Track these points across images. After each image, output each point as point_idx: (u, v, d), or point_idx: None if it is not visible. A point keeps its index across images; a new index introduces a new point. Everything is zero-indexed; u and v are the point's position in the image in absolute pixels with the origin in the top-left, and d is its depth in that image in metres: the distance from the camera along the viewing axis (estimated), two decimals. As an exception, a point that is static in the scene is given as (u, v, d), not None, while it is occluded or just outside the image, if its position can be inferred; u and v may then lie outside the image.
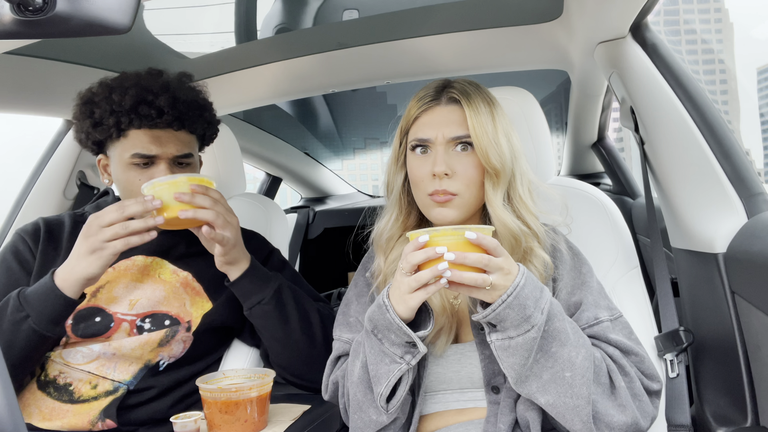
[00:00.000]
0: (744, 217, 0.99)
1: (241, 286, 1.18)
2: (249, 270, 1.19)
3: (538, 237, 0.97)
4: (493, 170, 0.96)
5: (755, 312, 0.90)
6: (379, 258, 1.06)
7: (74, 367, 1.15)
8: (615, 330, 0.93)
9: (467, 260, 0.79)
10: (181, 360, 1.22)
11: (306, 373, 1.23)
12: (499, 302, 0.80)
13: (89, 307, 1.18)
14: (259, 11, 1.51)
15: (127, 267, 1.23)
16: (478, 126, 0.95)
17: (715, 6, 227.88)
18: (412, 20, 1.46)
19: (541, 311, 0.81)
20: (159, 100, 1.14)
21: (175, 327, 1.20)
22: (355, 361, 0.96)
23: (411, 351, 0.86)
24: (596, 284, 0.98)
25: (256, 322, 1.21)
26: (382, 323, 0.86)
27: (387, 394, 0.88)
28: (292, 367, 1.23)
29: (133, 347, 1.16)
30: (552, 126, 2.56)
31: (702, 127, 1.05)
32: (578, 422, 0.83)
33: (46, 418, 1.12)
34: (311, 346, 1.22)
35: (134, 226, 1.03)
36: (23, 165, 1.79)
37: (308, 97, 2.13)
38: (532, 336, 0.80)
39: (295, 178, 3.02)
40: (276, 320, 1.20)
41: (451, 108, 0.99)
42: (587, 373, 0.84)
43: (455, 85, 1.01)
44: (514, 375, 0.84)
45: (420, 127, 1.00)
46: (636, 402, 0.88)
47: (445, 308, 0.99)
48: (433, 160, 0.97)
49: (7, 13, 0.48)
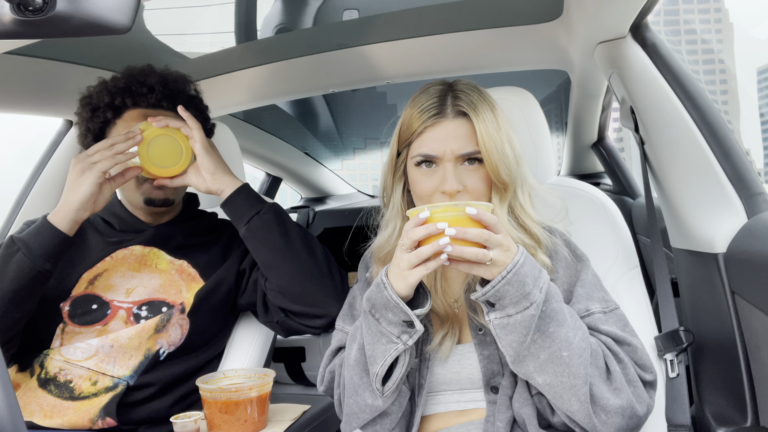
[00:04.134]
0: (744, 217, 0.99)
1: (237, 201, 1.21)
2: (243, 187, 1.22)
3: (540, 242, 0.97)
4: (502, 184, 0.95)
5: (755, 312, 0.90)
6: (378, 270, 1.05)
7: (74, 363, 1.15)
8: (608, 322, 0.93)
9: (468, 235, 0.79)
10: (180, 349, 1.22)
11: (310, 294, 1.19)
12: (498, 278, 0.80)
13: (87, 294, 1.21)
14: (259, 11, 1.51)
15: (125, 256, 1.26)
16: (488, 140, 0.92)
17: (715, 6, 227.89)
18: (412, 20, 1.46)
19: (539, 289, 0.82)
20: (149, 80, 1.24)
21: (170, 311, 1.21)
22: (352, 345, 0.96)
23: (408, 331, 0.87)
24: (591, 277, 0.98)
25: (256, 237, 1.20)
26: (380, 301, 0.86)
27: (383, 374, 0.88)
28: (295, 286, 1.19)
29: (131, 336, 1.17)
30: (552, 126, 2.56)
31: (702, 127, 1.05)
32: (576, 402, 0.83)
33: (47, 415, 1.12)
34: (313, 258, 1.21)
35: (118, 147, 1.14)
36: (23, 165, 1.79)
37: (308, 97, 2.13)
38: (531, 313, 0.81)
39: (295, 178, 3.02)
40: (276, 229, 1.20)
41: (459, 122, 0.94)
42: (584, 353, 0.84)
43: (461, 95, 0.96)
44: (512, 353, 0.84)
45: (426, 141, 0.95)
46: (631, 387, 0.88)
47: (448, 315, 0.99)
48: (441, 176, 0.94)
49: (7, 13, 0.48)
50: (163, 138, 1.19)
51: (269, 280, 1.22)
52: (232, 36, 1.60)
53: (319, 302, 1.17)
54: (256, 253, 1.22)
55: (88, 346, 1.16)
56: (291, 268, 1.19)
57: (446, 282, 1.03)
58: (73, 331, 1.19)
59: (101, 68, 1.53)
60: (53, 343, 1.19)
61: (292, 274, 1.19)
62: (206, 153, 1.20)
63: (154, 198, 1.26)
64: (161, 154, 1.19)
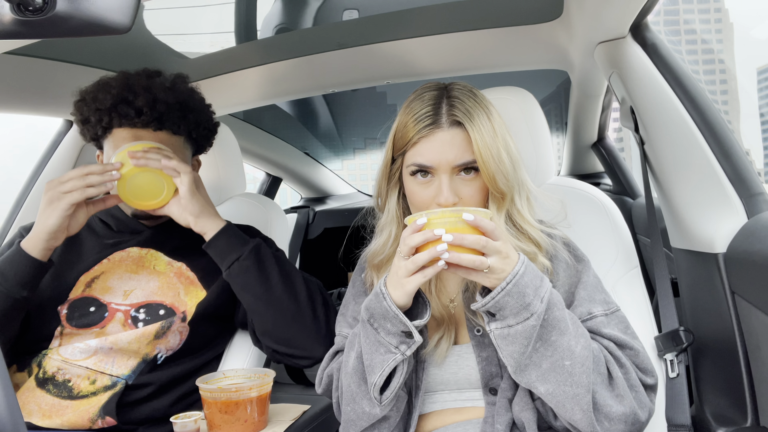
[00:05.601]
0: (744, 217, 0.99)
1: (218, 245, 1.19)
2: (226, 228, 1.20)
3: (540, 246, 0.96)
4: (499, 194, 0.94)
5: (755, 312, 0.90)
6: (372, 275, 1.05)
7: (72, 363, 1.15)
8: (610, 324, 0.93)
9: (465, 242, 0.78)
10: (179, 353, 1.22)
11: (292, 338, 1.19)
12: (498, 290, 0.80)
13: (84, 297, 1.20)
14: (259, 11, 1.51)
15: (122, 258, 1.25)
16: (485, 150, 0.90)
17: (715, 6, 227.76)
18: (412, 20, 1.46)
19: (540, 299, 0.81)
20: (138, 101, 1.18)
21: (171, 318, 1.20)
22: (350, 352, 0.95)
23: (406, 341, 0.86)
24: (592, 279, 0.98)
25: (237, 283, 1.20)
26: (378, 311, 0.86)
27: (381, 384, 0.88)
28: (277, 331, 1.20)
29: (130, 341, 1.17)
30: (552, 126, 2.56)
31: (702, 127, 1.05)
32: (578, 411, 0.83)
33: (46, 415, 1.12)
34: (295, 303, 1.19)
35: (91, 179, 1.10)
36: (23, 165, 1.79)
37: (308, 97, 2.13)
38: (532, 324, 0.80)
39: (295, 178, 3.02)
40: (256, 276, 1.19)
41: (454, 132, 0.92)
42: (587, 362, 0.84)
43: (455, 103, 0.93)
44: (513, 363, 0.84)
45: (420, 152, 0.94)
46: (633, 393, 0.88)
47: (443, 316, 0.99)
48: (437, 187, 0.93)
49: (7, 13, 0.48)
50: (142, 175, 1.14)
51: (253, 322, 1.23)
52: (232, 36, 1.60)
53: (303, 345, 1.17)
54: (238, 295, 1.22)
55: (86, 347, 1.16)
56: (273, 315, 1.19)
57: (441, 283, 1.03)
58: (71, 333, 1.18)
59: (101, 68, 1.53)
60: (51, 344, 1.18)
61: (274, 319, 1.19)
62: (191, 197, 1.17)
63: (139, 214, 1.27)
64: (141, 190, 1.15)
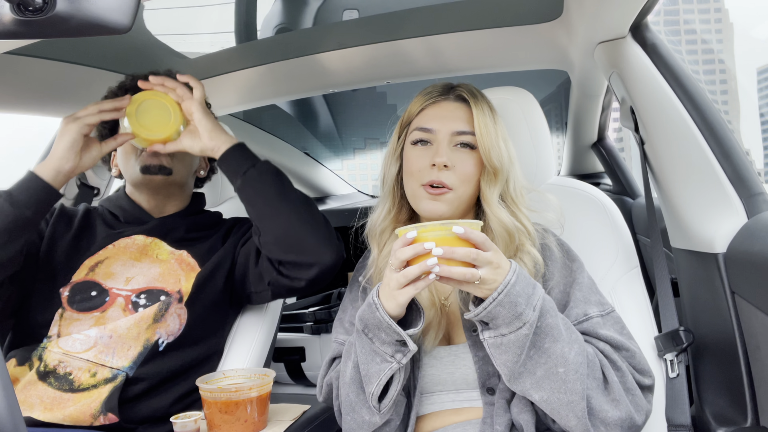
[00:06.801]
0: (744, 217, 0.99)
1: (233, 156, 1.21)
2: (240, 144, 1.23)
3: (531, 234, 0.98)
4: (492, 169, 0.98)
5: (755, 312, 0.90)
6: (374, 250, 1.07)
7: (73, 355, 1.16)
8: (606, 325, 0.93)
9: (455, 255, 0.79)
10: (179, 340, 1.22)
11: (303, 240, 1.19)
12: (489, 300, 0.80)
13: (86, 281, 1.23)
14: (259, 11, 1.51)
15: (127, 245, 1.28)
16: (483, 126, 0.99)
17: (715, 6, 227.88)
18: (412, 20, 1.46)
19: (533, 308, 0.81)
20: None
21: (168, 299, 1.22)
22: (347, 362, 0.96)
23: (401, 350, 0.87)
24: (587, 280, 0.98)
25: (251, 190, 1.21)
26: (372, 322, 0.86)
27: (378, 393, 0.88)
28: (288, 236, 1.19)
29: (129, 326, 1.18)
30: (552, 126, 2.56)
31: (702, 127, 1.05)
32: (573, 418, 0.83)
33: (47, 408, 1.12)
34: (306, 205, 1.22)
35: (105, 106, 1.17)
36: (23, 165, 1.79)
37: (308, 97, 2.13)
38: (524, 333, 0.81)
39: (295, 178, 3.01)
40: (271, 181, 1.22)
41: (458, 105, 1.03)
42: (581, 368, 0.84)
43: (462, 85, 1.05)
44: (507, 372, 0.84)
45: (425, 118, 1.03)
46: (629, 396, 0.88)
47: (434, 302, 0.99)
48: (434, 151, 0.99)
49: (7, 13, 0.48)
50: (151, 102, 1.20)
51: (263, 233, 1.22)
52: (232, 36, 1.60)
53: (313, 249, 1.18)
54: (251, 204, 1.22)
55: (86, 338, 1.17)
56: (287, 215, 1.20)
57: (434, 283, 1.03)
58: (71, 317, 1.19)
59: (101, 68, 1.53)
60: (51, 330, 1.19)
61: (287, 221, 1.20)
62: (204, 113, 1.21)
63: (149, 165, 1.27)
64: (150, 117, 1.20)
